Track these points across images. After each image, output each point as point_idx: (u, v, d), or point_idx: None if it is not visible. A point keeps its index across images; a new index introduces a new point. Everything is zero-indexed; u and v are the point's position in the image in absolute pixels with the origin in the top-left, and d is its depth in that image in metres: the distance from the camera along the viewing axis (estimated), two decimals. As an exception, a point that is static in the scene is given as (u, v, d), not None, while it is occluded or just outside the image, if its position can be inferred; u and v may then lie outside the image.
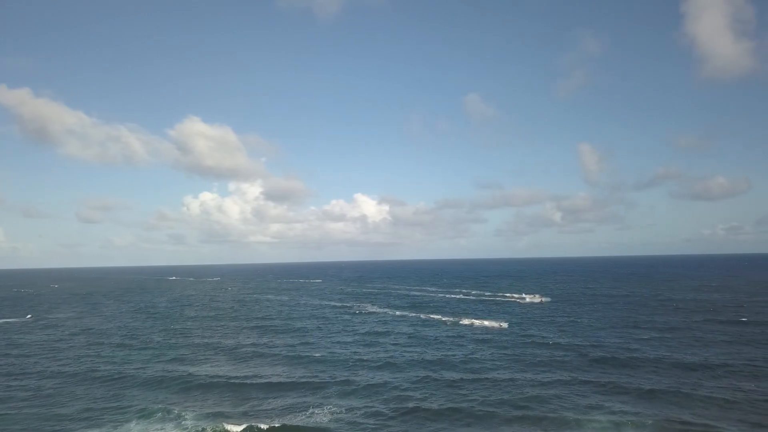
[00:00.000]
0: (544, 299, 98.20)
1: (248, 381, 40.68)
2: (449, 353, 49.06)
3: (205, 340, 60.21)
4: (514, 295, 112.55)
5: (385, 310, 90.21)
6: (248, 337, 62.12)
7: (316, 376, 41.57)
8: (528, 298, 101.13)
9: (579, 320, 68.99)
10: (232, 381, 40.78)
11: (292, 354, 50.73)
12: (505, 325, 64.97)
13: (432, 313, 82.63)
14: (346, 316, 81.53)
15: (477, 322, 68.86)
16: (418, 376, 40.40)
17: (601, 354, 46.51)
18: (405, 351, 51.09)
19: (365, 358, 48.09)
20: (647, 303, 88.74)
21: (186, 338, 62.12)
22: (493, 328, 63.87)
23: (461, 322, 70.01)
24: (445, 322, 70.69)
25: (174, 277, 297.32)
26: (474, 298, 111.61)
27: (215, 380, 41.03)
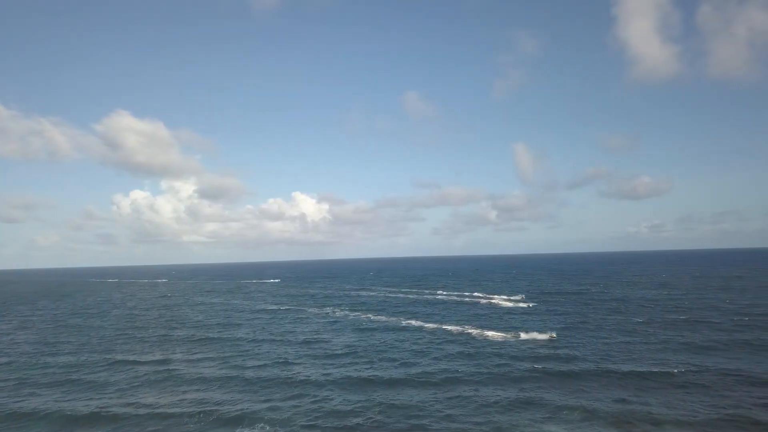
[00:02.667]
0: (529, 302, 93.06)
1: (173, 410, 35.21)
2: (401, 364, 45.44)
3: (124, 356, 53.46)
4: (489, 295, 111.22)
5: (327, 311, 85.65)
6: (176, 351, 55.94)
7: (252, 400, 36.77)
8: (502, 300, 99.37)
9: (532, 322, 67.34)
10: (153, 410, 35.20)
11: (224, 373, 45.15)
12: (554, 335, 55.92)
13: (377, 314, 79.07)
14: (286, 323, 76.33)
15: (484, 332, 62.29)
16: (366, 399, 36.31)
17: (559, 365, 44.41)
18: (349, 363, 47.02)
19: (306, 373, 43.61)
20: (589, 302, 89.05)
21: (102, 354, 55.07)
22: (541, 340, 54.57)
23: (444, 328, 66.64)
24: (387, 324, 67.20)
25: (112, 279, 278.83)
26: (415, 297, 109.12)
27: (131, 411, 35.29)
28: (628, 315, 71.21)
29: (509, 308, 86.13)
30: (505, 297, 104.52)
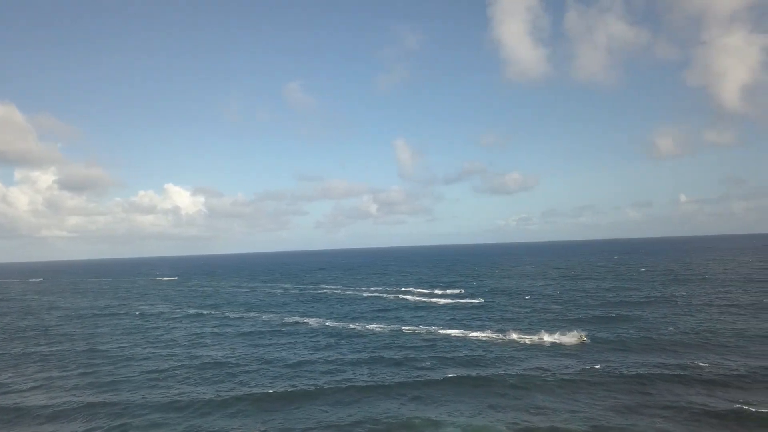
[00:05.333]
0: (411, 296, 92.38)
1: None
2: (292, 375, 41.91)
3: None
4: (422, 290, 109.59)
5: (206, 313, 78.80)
6: (21, 374, 47.06)
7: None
8: (386, 293, 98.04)
9: (416, 318, 67.02)
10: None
11: (85, 399, 38.02)
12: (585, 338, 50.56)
13: (260, 313, 74.52)
14: (159, 328, 68.55)
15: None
16: (255, 422, 32.51)
17: (457, 368, 43.82)
18: (233, 374, 42.43)
19: (183, 391, 38.40)
20: (475, 295, 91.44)
21: None
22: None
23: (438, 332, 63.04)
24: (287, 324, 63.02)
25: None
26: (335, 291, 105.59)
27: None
28: (506, 310, 73.69)
29: (392, 301, 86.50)
30: (388, 289, 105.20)
